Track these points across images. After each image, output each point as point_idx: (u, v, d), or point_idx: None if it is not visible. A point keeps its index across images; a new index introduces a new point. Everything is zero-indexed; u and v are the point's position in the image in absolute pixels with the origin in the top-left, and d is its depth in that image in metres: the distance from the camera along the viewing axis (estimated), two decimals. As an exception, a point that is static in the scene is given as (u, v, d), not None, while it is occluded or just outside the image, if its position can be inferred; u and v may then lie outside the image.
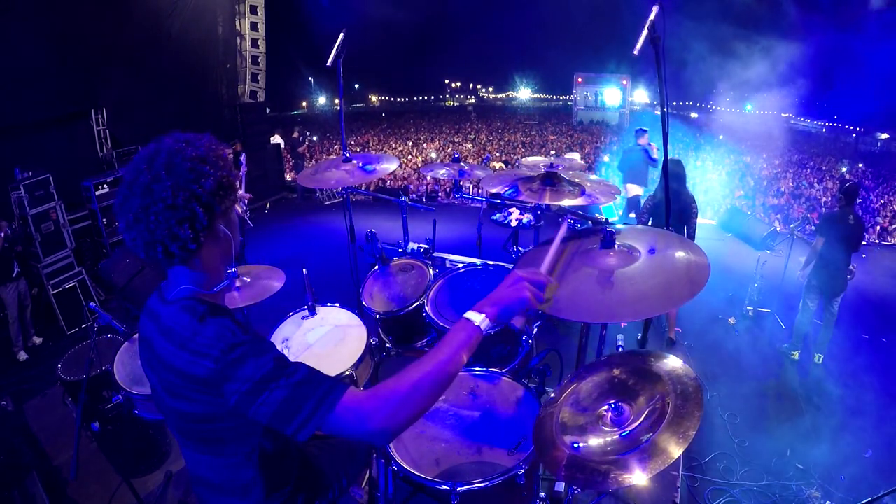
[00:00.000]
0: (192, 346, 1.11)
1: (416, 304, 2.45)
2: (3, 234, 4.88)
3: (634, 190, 7.09)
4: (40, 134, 6.63)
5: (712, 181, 13.37)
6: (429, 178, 11.78)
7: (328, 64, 2.95)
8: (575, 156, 8.08)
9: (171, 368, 1.15)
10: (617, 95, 26.21)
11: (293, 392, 1.07)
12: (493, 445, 1.83)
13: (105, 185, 6.36)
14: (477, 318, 1.16)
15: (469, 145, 20.56)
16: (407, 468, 1.55)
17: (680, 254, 1.55)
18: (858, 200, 4.46)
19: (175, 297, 1.21)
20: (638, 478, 1.22)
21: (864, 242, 4.54)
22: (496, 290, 1.22)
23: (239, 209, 1.35)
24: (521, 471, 1.52)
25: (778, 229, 8.02)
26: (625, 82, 25.92)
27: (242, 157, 2.99)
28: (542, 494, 1.84)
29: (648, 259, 1.54)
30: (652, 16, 1.68)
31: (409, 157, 18.07)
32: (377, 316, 2.54)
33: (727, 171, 14.78)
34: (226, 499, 1.29)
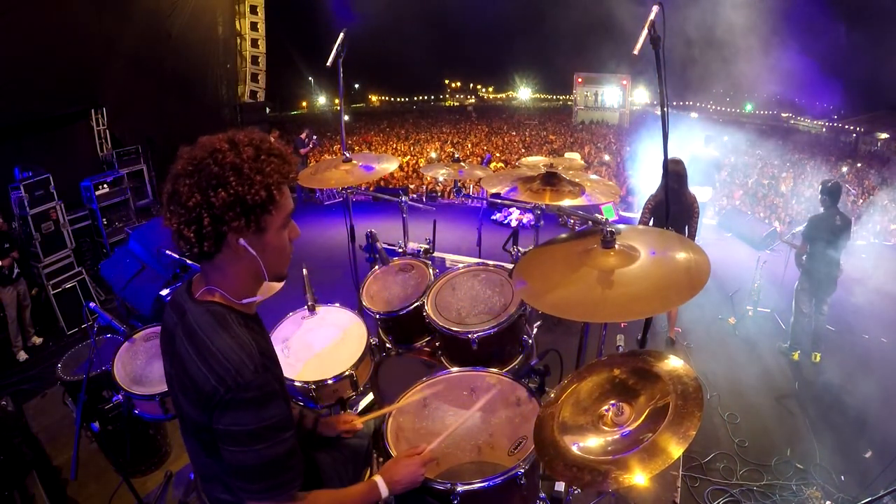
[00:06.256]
0: (212, 360, 1.10)
1: (416, 304, 2.45)
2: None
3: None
4: (40, 134, 6.63)
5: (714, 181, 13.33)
6: (428, 178, 11.78)
7: (328, 64, 2.94)
8: (574, 155, 8.12)
9: (185, 370, 1.14)
10: (617, 95, 26.22)
11: (261, 461, 1.14)
12: (493, 445, 1.83)
13: (105, 185, 6.36)
14: (384, 490, 1.42)
15: (469, 145, 20.53)
16: (407, 468, 1.55)
17: (680, 254, 1.56)
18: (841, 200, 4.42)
19: (202, 296, 1.19)
20: (638, 478, 1.22)
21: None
22: (404, 469, 1.46)
23: (287, 240, 1.24)
24: (521, 471, 1.52)
25: (778, 229, 8.02)
26: (625, 82, 25.88)
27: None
28: (541, 494, 1.84)
29: (649, 259, 1.55)
30: (652, 16, 1.67)
31: (410, 157, 18.05)
32: (377, 316, 2.54)
33: (728, 172, 14.76)
34: (226, 495, 1.29)
